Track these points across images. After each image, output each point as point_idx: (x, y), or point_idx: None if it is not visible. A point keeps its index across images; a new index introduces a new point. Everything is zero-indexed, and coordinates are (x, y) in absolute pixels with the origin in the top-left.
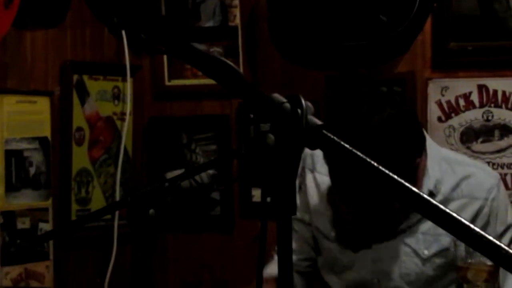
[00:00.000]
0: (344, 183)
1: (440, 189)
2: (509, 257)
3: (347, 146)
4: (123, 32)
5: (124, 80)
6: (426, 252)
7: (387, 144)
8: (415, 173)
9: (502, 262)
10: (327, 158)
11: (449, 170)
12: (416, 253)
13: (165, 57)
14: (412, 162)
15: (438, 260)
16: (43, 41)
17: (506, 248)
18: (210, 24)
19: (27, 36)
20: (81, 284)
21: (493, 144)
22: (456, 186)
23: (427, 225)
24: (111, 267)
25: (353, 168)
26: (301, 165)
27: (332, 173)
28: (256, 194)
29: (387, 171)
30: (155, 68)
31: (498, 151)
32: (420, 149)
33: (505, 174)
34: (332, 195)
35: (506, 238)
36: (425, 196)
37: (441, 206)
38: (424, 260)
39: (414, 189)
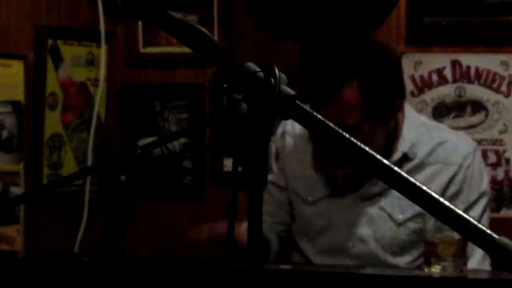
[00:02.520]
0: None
1: (415, 153)
2: (478, 231)
3: (319, 116)
4: None
5: (98, 46)
6: (400, 216)
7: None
8: (396, 115)
9: (471, 236)
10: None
11: (426, 135)
12: (391, 217)
13: (140, 23)
14: (393, 100)
15: (412, 225)
16: (18, 5)
17: (475, 222)
18: None
19: (2, 0)
20: (50, 247)
21: (464, 120)
22: (432, 151)
23: None
24: (81, 232)
25: (323, 137)
26: (282, 129)
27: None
28: (228, 163)
29: (357, 142)
30: (129, 34)
31: (470, 127)
32: (401, 92)
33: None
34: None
35: (479, 206)
36: (393, 166)
37: (409, 178)
38: (399, 225)
39: (382, 159)
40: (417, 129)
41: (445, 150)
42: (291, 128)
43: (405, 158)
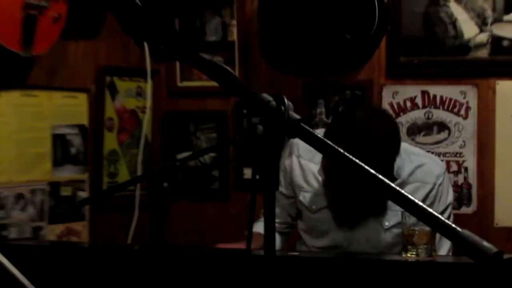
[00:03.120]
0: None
1: (400, 174)
2: (444, 226)
3: (320, 136)
4: (145, 43)
5: (145, 81)
6: (387, 223)
7: (383, 151)
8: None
9: (438, 229)
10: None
11: (407, 159)
12: (380, 224)
13: (177, 63)
14: (394, 161)
15: (395, 230)
16: (83, 49)
17: (442, 218)
18: (213, 38)
19: (71, 45)
20: (109, 239)
21: (432, 137)
22: (412, 172)
23: (388, 201)
24: (133, 227)
25: (323, 152)
26: (288, 151)
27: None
28: (247, 172)
29: (353, 159)
30: (169, 72)
31: (436, 143)
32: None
33: (442, 160)
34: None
35: (446, 213)
36: (388, 182)
37: (398, 188)
38: (385, 230)
39: (378, 175)
40: (400, 155)
41: (422, 172)
42: (296, 150)
43: (392, 179)
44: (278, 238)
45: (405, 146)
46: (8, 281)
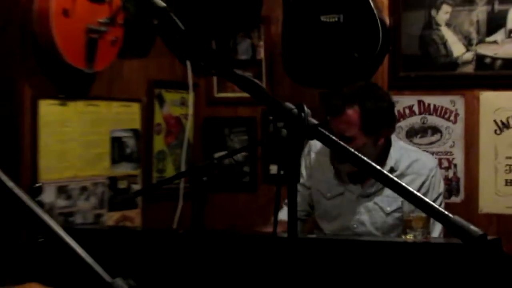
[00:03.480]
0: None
1: (398, 167)
2: (437, 212)
3: (332, 137)
4: (188, 61)
5: (188, 92)
6: (388, 208)
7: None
8: (383, 139)
9: (433, 215)
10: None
11: (405, 155)
12: (382, 209)
13: (215, 77)
14: (381, 125)
15: (396, 214)
16: (136, 66)
17: (436, 206)
18: (244, 57)
19: (126, 62)
20: (158, 224)
21: (427, 139)
22: (409, 165)
23: (389, 191)
24: (178, 214)
25: (336, 150)
26: (307, 149)
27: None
28: (273, 168)
29: (359, 155)
30: (208, 85)
31: (430, 143)
32: (389, 123)
33: (435, 158)
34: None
35: (438, 200)
36: (388, 173)
37: (397, 180)
38: (387, 214)
39: (381, 169)
40: (399, 151)
41: (418, 165)
42: (314, 148)
43: (391, 170)
44: (298, 223)
45: (403, 144)
46: (74, 260)
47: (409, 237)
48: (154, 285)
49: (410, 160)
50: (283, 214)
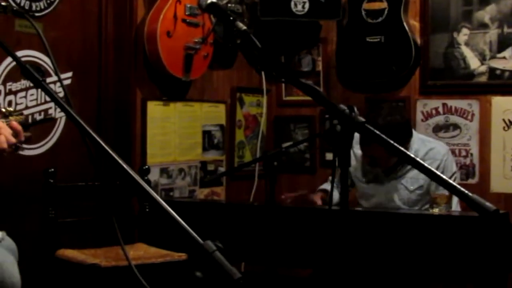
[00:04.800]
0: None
1: (417, 155)
2: (460, 190)
3: (376, 131)
4: (262, 72)
5: (262, 96)
6: (411, 187)
7: (397, 131)
8: (407, 147)
9: (456, 193)
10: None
11: (422, 145)
12: (406, 188)
13: (283, 84)
14: (406, 143)
15: (418, 191)
16: (222, 75)
17: (454, 184)
18: (306, 69)
19: (214, 73)
20: (237, 198)
21: (449, 134)
22: (426, 153)
23: (412, 173)
24: (253, 191)
25: (378, 142)
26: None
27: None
28: (328, 155)
29: (395, 144)
30: (278, 90)
31: (452, 137)
32: (409, 137)
33: (455, 149)
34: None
35: (452, 179)
36: (422, 162)
37: (423, 163)
38: (410, 192)
39: (411, 154)
40: (417, 142)
41: (433, 152)
42: (354, 142)
43: None
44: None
45: (420, 136)
46: (174, 225)
47: (435, 210)
48: (235, 247)
49: (427, 149)
50: (325, 185)
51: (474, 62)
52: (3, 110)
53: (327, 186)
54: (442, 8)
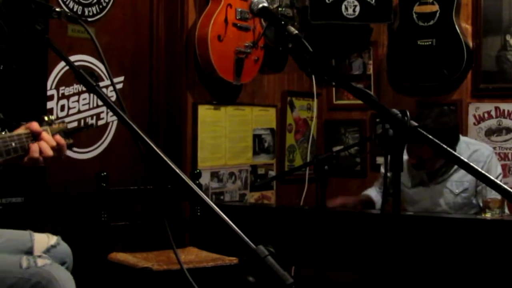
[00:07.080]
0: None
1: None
2: (500, 188)
3: (427, 134)
4: (313, 76)
5: (313, 100)
6: (456, 190)
7: (446, 134)
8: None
9: (499, 190)
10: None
11: (466, 148)
12: (451, 191)
13: (334, 88)
14: (453, 145)
15: (463, 195)
16: (273, 79)
17: (506, 187)
18: (357, 72)
19: (265, 77)
20: (287, 202)
21: (502, 137)
22: (470, 155)
23: (456, 176)
24: (304, 194)
25: (428, 143)
26: None
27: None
28: (379, 159)
29: (445, 147)
30: (328, 94)
31: (505, 141)
32: (457, 140)
33: (508, 153)
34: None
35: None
36: (474, 165)
37: (473, 165)
38: (456, 195)
39: (461, 157)
40: (461, 144)
41: (476, 154)
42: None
43: None
44: (379, 202)
45: (464, 138)
46: (225, 229)
47: (488, 215)
48: (285, 251)
49: (471, 151)
50: (368, 191)
51: None
52: (46, 118)
53: (370, 191)
54: (495, 11)
